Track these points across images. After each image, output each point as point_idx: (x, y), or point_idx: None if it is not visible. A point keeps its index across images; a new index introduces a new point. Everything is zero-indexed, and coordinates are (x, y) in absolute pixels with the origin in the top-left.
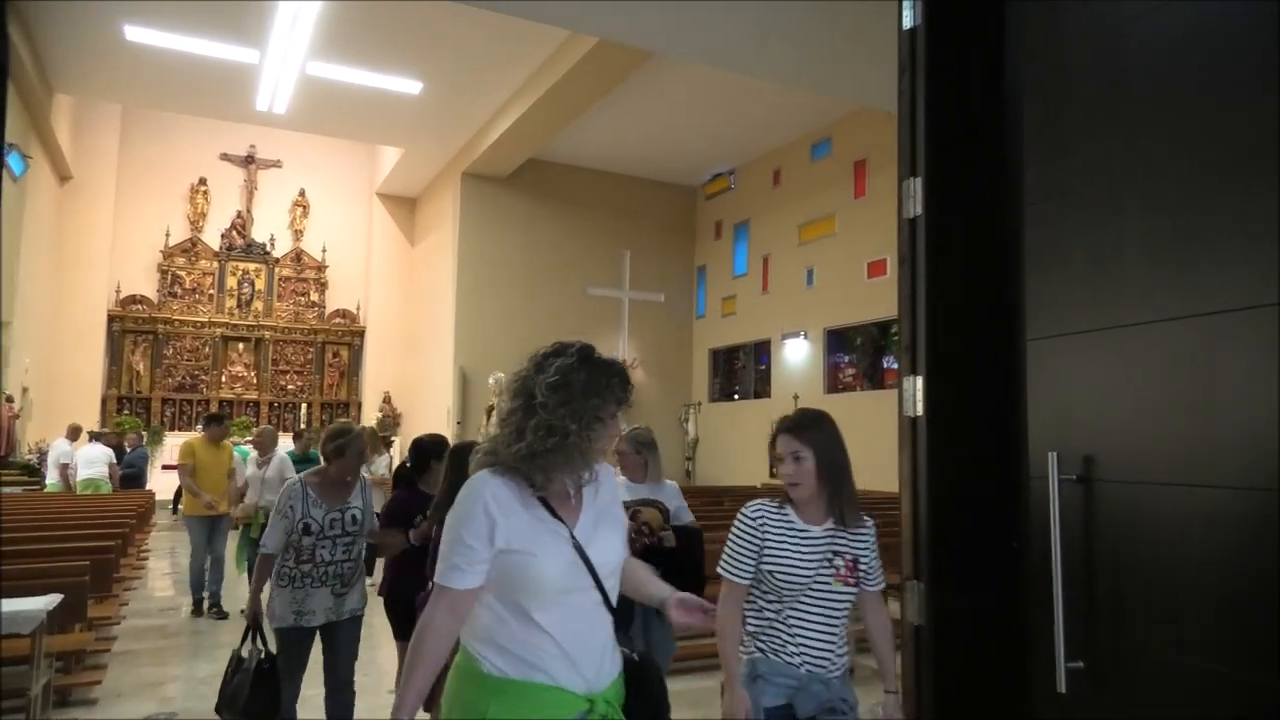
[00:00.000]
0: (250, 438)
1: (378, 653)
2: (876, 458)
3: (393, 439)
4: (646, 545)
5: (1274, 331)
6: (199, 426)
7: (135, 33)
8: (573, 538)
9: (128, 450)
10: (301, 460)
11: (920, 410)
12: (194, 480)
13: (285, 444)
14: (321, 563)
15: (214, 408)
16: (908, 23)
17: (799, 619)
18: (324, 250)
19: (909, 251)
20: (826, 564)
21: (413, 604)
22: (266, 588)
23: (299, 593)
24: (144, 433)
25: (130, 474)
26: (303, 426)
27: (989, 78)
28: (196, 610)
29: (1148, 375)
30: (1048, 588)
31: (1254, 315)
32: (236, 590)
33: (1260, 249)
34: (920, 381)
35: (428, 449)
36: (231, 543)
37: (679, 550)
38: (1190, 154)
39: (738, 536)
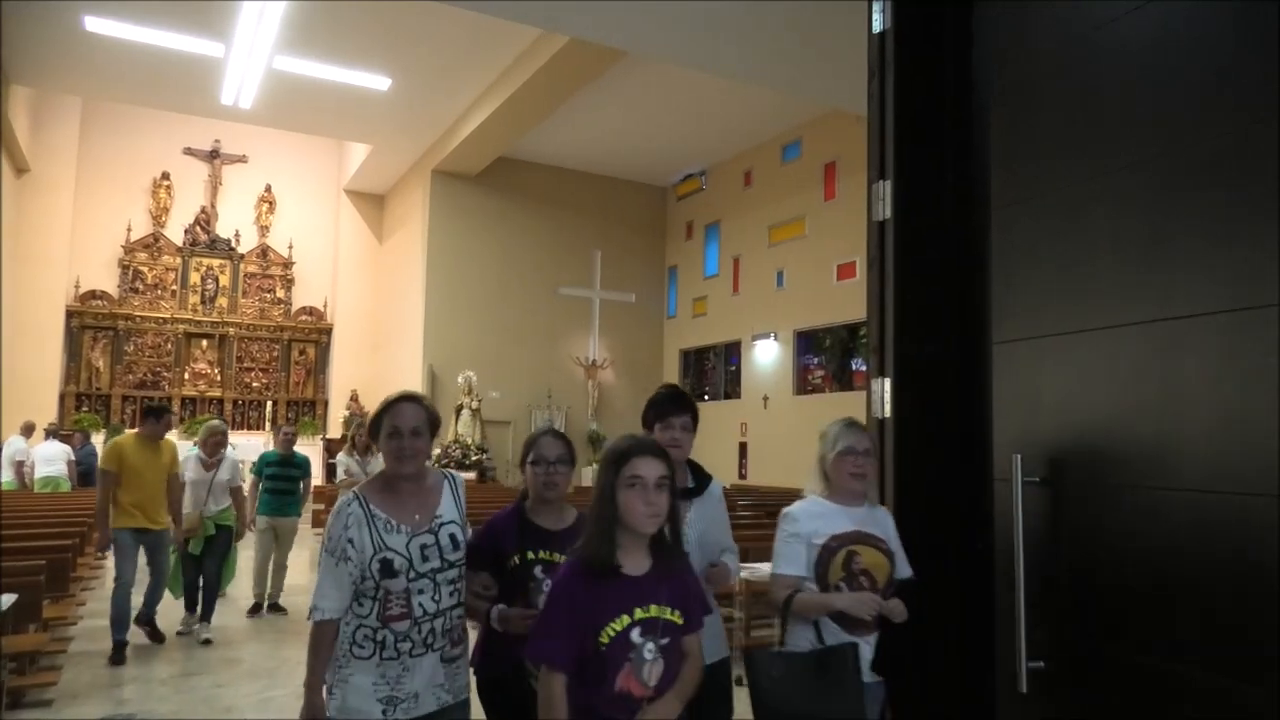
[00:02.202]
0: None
1: None
2: None
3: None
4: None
5: (1235, 336)
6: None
7: (95, 24)
8: None
9: (77, 448)
10: (283, 463)
11: (888, 412)
12: (122, 489)
13: (254, 442)
14: (424, 616)
15: (176, 405)
16: (877, 26)
17: None
18: (290, 247)
19: (878, 254)
20: None
21: (518, 686)
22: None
23: (392, 667)
24: (94, 431)
25: (81, 471)
26: (283, 421)
27: (958, 82)
28: (118, 655)
29: (1111, 379)
30: (1011, 589)
31: (1216, 320)
32: (176, 612)
33: (1224, 255)
34: (888, 384)
35: (527, 444)
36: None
37: (908, 624)
38: (1155, 160)
39: None
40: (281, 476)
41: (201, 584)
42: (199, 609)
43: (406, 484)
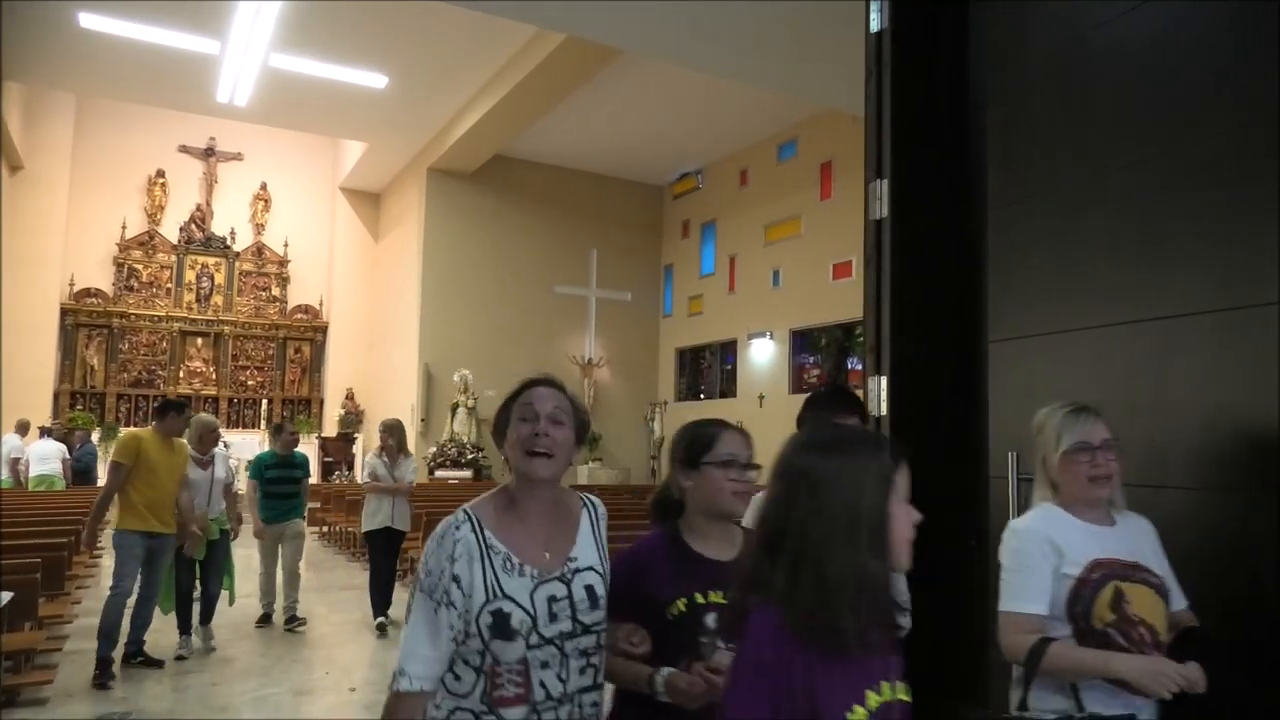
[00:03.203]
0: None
1: (336, 650)
2: None
3: (355, 436)
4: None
5: (1227, 335)
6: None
7: (90, 20)
8: None
9: (76, 446)
10: (282, 464)
11: (884, 410)
12: (134, 487)
13: (250, 440)
14: (547, 702)
15: None
16: (875, 26)
17: None
18: (286, 245)
19: (875, 253)
20: None
21: None
22: None
23: None
24: (91, 429)
25: (79, 469)
26: (282, 419)
27: (954, 83)
28: (102, 672)
29: (1105, 377)
30: None
31: (1206, 320)
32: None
33: (1219, 255)
34: (884, 381)
35: (702, 439)
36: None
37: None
38: (1153, 161)
39: None
40: (284, 479)
41: (200, 593)
42: (195, 624)
43: (537, 503)
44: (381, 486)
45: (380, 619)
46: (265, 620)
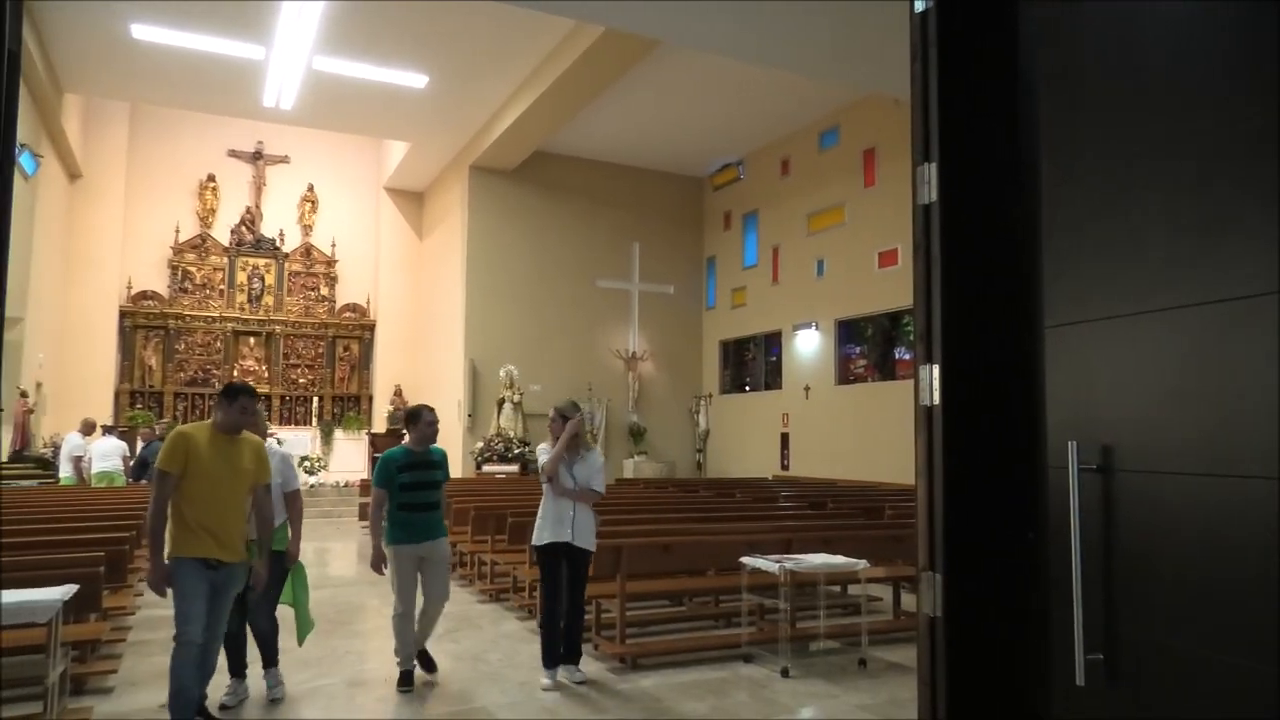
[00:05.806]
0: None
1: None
2: (888, 448)
3: (405, 432)
4: None
5: None
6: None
7: (142, 31)
8: None
9: (141, 444)
10: (419, 464)
11: (936, 399)
12: (185, 501)
13: (302, 438)
14: None
15: None
16: (920, 5)
17: None
18: (333, 245)
19: (924, 238)
20: None
21: None
22: None
23: None
24: (155, 426)
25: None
26: (420, 404)
27: (1002, 61)
28: None
29: (1167, 362)
30: (1066, 579)
31: (1274, 300)
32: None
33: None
34: (936, 370)
35: None
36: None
37: None
38: (1208, 139)
39: None
40: (423, 484)
41: (252, 630)
42: (245, 669)
43: None
44: (569, 490)
45: (576, 670)
46: (407, 681)
